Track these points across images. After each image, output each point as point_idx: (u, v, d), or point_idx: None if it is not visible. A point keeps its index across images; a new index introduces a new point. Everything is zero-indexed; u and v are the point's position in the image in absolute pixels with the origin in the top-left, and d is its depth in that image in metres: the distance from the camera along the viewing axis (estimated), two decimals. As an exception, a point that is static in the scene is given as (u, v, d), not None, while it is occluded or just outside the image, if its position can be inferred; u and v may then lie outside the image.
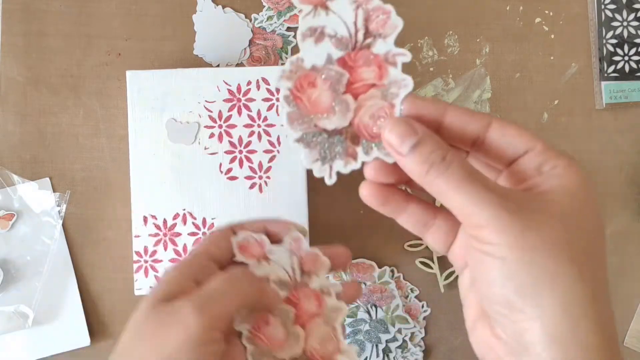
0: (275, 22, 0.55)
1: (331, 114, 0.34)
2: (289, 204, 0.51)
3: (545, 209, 0.28)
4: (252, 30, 0.55)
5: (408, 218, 0.33)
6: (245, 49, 0.55)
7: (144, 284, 0.50)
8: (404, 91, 0.33)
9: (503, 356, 0.29)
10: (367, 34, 0.34)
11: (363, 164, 0.33)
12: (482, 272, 0.28)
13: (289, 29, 0.56)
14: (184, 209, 0.50)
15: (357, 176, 0.56)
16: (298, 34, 0.33)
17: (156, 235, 0.50)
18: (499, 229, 0.27)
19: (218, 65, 0.55)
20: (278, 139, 0.51)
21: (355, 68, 0.34)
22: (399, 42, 0.58)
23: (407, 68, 0.56)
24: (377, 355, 0.55)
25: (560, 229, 0.27)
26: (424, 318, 0.56)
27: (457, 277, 0.56)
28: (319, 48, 0.33)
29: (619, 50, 0.57)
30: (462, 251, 0.32)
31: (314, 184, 0.55)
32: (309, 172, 0.52)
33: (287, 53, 0.55)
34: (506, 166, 0.32)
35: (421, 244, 0.56)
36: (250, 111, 0.51)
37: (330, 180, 0.34)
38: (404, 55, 0.34)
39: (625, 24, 0.57)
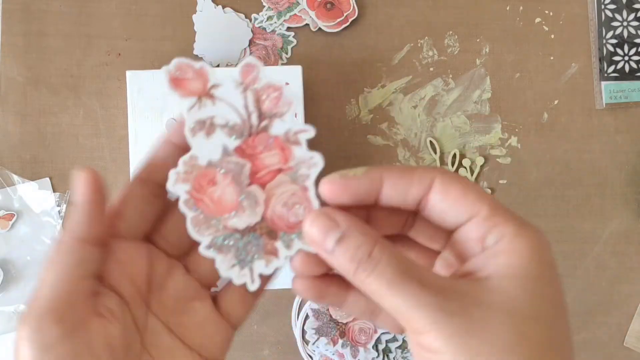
0: (275, 22, 0.55)
1: (240, 211, 0.30)
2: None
3: (490, 303, 0.24)
4: (252, 30, 0.55)
5: (352, 307, 0.29)
6: (245, 49, 0.55)
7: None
8: (314, 170, 0.31)
9: None
10: (261, 116, 0.31)
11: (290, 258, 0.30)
12: None
13: (289, 29, 0.56)
14: (184, 209, 0.50)
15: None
16: (186, 131, 0.30)
17: (156, 235, 0.50)
18: (441, 336, 0.23)
19: (218, 65, 0.55)
20: (278, 139, 0.51)
21: (256, 155, 0.31)
22: (399, 43, 0.58)
23: (407, 68, 0.56)
24: (377, 356, 0.55)
25: (509, 327, 0.23)
26: (424, 318, 0.56)
27: (457, 277, 0.56)
28: (212, 141, 0.30)
29: (619, 50, 0.57)
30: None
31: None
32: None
33: (287, 53, 0.55)
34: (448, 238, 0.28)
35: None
36: (250, 111, 0.51)
37: (253, 286, 0.30)
38: (307, 132, 0.31)
39: (625, 24, 0.57)
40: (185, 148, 0.29)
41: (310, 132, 0.31)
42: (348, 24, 0.55)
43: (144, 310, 0.29)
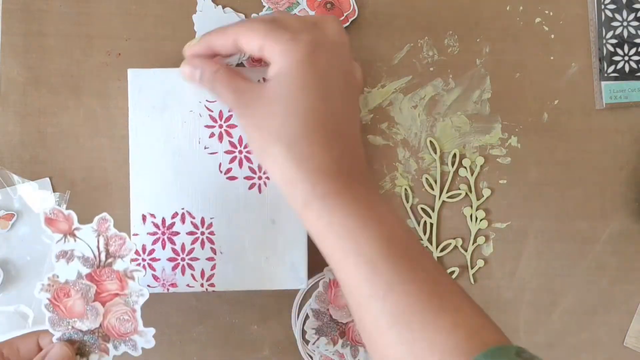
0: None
1: (84, 318, 0.43)
2: (288, 204, 0.51)
3: (257, 94, 0.42)
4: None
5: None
6: (245, 49, 0.55)
7: (141, 282, 0.50)
8: (142, 299, 0.43)
9: None
10: (108, 255, 0.43)
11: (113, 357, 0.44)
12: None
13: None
14: (183, 208, 0.50)
15: (357, 176, 0.56)
16: (53, 256, 0.43)
17: (154, 234, 0.50)
18: (237, 118, 0.47)
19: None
20: (278, 139, 0.51)
21: (101, 282, 0.43)
22: (399, 43, 0.58)
23: (407, 68, 0.56)
24: (377, 355, 0.55)
25: (264, 108, 0.41)
26: (424, 318, 0.56)
27: (456, 277, 0.56)
28: (70, 266, 0.43)
29: (619, 50, 0.57)
30: None
31: (313, 184, 0.55)
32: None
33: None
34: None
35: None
36: (250, 111, 0.51)
37: None
38: (139, 272, 0.44)
39: (625, 24, 0.57)
40: None
41: (142, 272, 0.44)
42: (348, 23, 0.55)
43: None
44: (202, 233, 0.50)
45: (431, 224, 0.56)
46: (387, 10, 0.56)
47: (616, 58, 0.57)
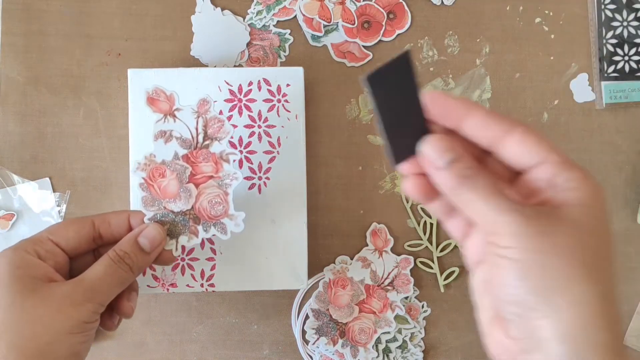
0: (265, 17, 0.55)
1: (177, 199, 0.43)
2: (288, 205, 0.51)
3: (560, 217, 0.30)
4: (249, 33, 0.55)
5: (438, 207, 0.35)
6: (243, 51, 0.55)
7: (141, 283, 0.50)
8: (235, 182, 0.43)
9: (517, 355, 0.30)
10: (206, 137, 0.43)
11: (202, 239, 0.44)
12: (498, 274, 0.30)
13: (278, 22, 0.55)
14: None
15: (355, 178, 0.56)
16: (152, 136, 0.43)
17: (156, 235, 0.50)
18: (516, 234, 0.29)
19: (215, 67, 0.55)
20: (278, 140, 0.51)
21: (196, 163, 0.43)
22: (399, 43, 0.58)
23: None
24: (377, 356, 0.55)
25: (574, 236, 0.29)
26: (424, 318, 0.56)
27: (456, 277, 0.56)
28: (167, 147, 0.43)
29: (619, 50, 0.57)
30: (476, 249, 0.34)
31: (313, 185, 0.55)
32: (308, 174, 0.52)
33: (284, 51, 0.55)
34: (514, 175, 0.33)
35: (421, 244, 0.56)
36: (251, 112, 0.51)
37: (176, 253, 0.43)
38: (235, 155, 0.44)
39: (625, 24, 0.57)
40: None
41: (238, 155, 0.45)
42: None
43: None
44: (202, 233, 0.50)
45: (431, 224, 0.56)
46: (387, 10, 0.56)
47: (616, 58, 0.57)
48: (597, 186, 0.31)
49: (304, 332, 0.55)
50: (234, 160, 0.44)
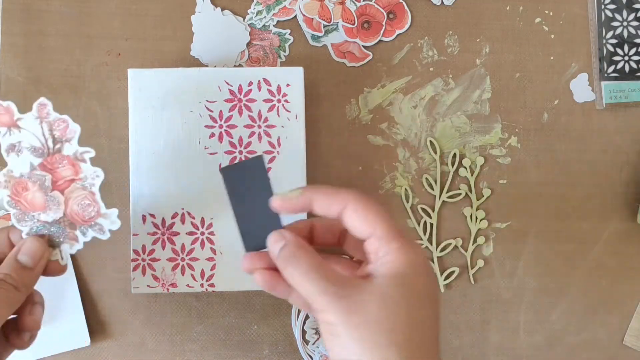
0: (265, 17, 0.55)
1: (47, 209, 0.42)
2: (288, 204, 0.51)
3: (370, 291, 0.34)
4: (249, 33, 0.55)
5: (295, 300, 0.39)
6: (243, 51, 0.55)
7: (141, 283, 0.50)
8: (98, 180, 0.42)
9: None
10: (55, 140, 0.42)
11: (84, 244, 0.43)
12: (328, 345, 0.34)
13: (278, 22, 0.55)
14: (183, 209, 0.50)
15: (355, 178, 0.56)
16: (2, 151, 0.42)
17: (154, 234, 0.50)
18: (334, 313, 0.33)
19: (215, 67, 0.55)
20: (278, 140, 0.51)
21: (54, 169, 0.42)
22: (399, 43, 0.58)
23: (407, 68, 0.56)
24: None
25: (380, 307, 0.33)
26: (424, 318, 0.56)
27: (456, 277, 0.56)
28: (21, 159, 0.42)
29: (619, 50, 0.57)
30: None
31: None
32: (308, 174, 0.52)
33: (284, 51, 0.55)
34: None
35: (421, 244, 0.56)
36: (251, 112, 0.51)
37: (63, 262, 0.43)
38: (89, 152, 0.42)
39: (625, 24, 0.57)
40: None
41: (92, 152, 0.42)
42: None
43: None
44: (202, 233, 0.50)
45: (431, 224, 0.56)
46: (387, 10, 0.56)
47: (616, 58, 0.57)
48: (414, 255, 0.35)
49: (304, 332, 0.55)
50: (91, 158, 0.43)
